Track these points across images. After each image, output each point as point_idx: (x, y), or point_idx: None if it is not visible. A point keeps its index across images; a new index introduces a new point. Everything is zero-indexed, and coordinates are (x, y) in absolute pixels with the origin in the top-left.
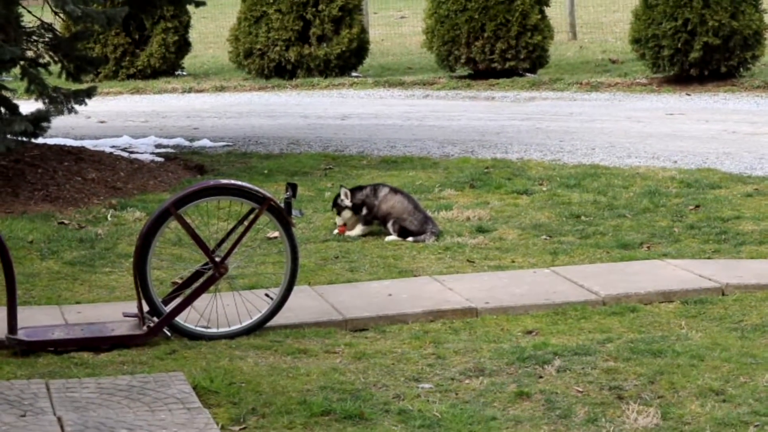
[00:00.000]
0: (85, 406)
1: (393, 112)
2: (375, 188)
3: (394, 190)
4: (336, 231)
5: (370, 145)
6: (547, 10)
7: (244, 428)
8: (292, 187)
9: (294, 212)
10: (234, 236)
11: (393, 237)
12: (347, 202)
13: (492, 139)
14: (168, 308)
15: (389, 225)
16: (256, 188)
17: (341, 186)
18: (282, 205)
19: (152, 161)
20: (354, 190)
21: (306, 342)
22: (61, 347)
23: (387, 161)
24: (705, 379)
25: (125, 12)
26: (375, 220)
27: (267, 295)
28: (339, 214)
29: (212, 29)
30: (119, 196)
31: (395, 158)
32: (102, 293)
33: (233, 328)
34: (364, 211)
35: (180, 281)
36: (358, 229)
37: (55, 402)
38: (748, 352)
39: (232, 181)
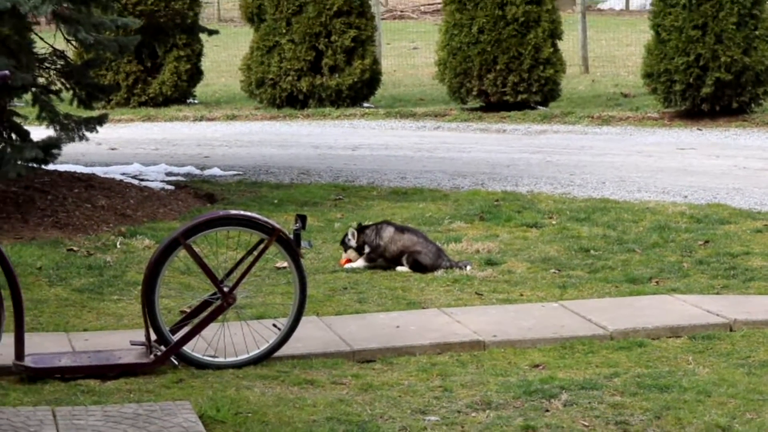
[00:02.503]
0: None
1: (404, 143)
2: (378, 228)
3: (401, 230)
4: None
5: (381, 176)
6: (560, 44)
7: None
8: (302, 219)
9: (303, 243)
10: (243, 266)
11: (404, 268)
12: (353, 243)
13: (502, 171)
14: (176, 337)
15: (403, 259)
16: (265, 219)
17: (350, 226)
18: (291, 236)
19: (162, 189)
20: (361, 231)
21: (313, 373)
22: (68, 374)
23: (397, 192)
24: (711, 415)
25: (137, 40)
26: (380, 259)
27: (275, 325)
28: (345, 251)
29: (224, 58)
30: (129, 223)
31: (405, 189)
32: (110, 321)
33: (240, 357)
34: (367, 249)
35: (188, 310)
36: (361, 263)
37: (61, 429)
38: (755, 389)
39: (241, 212)
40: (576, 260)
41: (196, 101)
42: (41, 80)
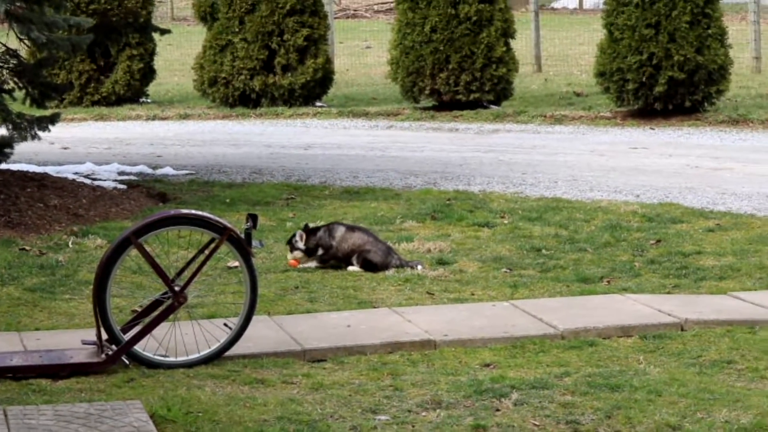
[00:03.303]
0: None
1: (356, 143)
2: (330, 228)
3: (351, 229)
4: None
5: (333, 175)
6: (513, 43)
7: None
8: (253, 218)
9: (254, 243)
10: (194, 265)
11: (355, 268)
12: (301, 245)
13: (455, 170)
14: (127, 336)
15: (353, 258)
16: (217, 218)
17: (299, 230)
18: (242, 235)
19: (115, 188)
20: (309, 233)
21: (264, 372)
22: (19, 374)
23: (349, 192)
24: (662, 415)
25: (90, 39)
26: (332, 260)
27: (226, 324)
28: (291, 252)
29: (177, 57)
30: (81, 223)
31: (357, 189)
32: (61, 320)
33: (191, 357)
34: (320, 251)
35: (139, 309)
36: (313, 264)
37: (12, 428)
38: (706, 388)
39: (193, 211)
40: (527, 259)
41: (149, 100)
42: None
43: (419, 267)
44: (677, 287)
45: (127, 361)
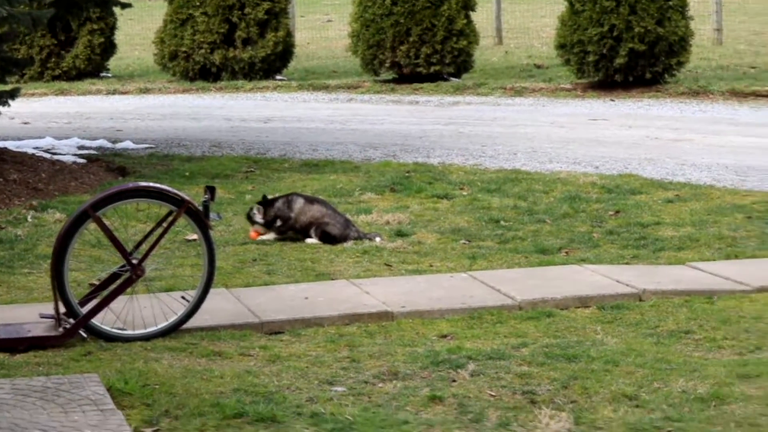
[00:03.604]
0: None
1: (316, 116)
2: (288, 200)
3: (310, 200)
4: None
5: (293, 148)
6: (474, 15)
7: (157, 430)
8: (211, 191)
9: (212, 215)
10: (152, 238)
11: (313, 240)
12: (259, 218)
13: (414, 143)
14: (84, 310)
15: (312, 231)
16: (175, 191)
17: (256, 203)
18: (200, 207)
19: (74, 163)
20: (266, 206)
21: (221, 344)
22: None
23: (308, 164)
24: (619, 385)
25: (51, 13)
26: (290, 231)
27: (183, 297)
28: (252, 225)
29: (138, 31)
30: (40, 197)
31: (317, 162)
32: (20, 294)
33: (149, 330)
34: (279, 222)
35: (97, 283)
36: (271, 236)
37: None
38: (663, 358)
39: (151, 184)
40: (486, 231)
41: (109, 75)
42: None
43: (378, 239)
44: (636, 258)
45: (84, 335)
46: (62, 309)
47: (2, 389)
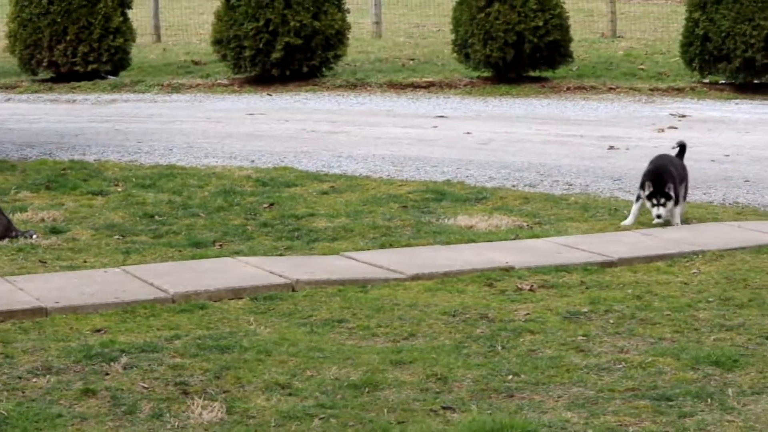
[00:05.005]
0: None
1: None
2: None
3: None
4: None
5: None
6: (132, 13)
7: None
8: None
9: None
10: None
11: None
12: None
13: (71, 141)
14: None
15: None
16: None
17: None
18: None
19: None
20: None
21: None
22: None
23: None
24: (272, 374)
25: None
26: None
27: None
28: None
29: None
30: None
31: None
32: None
33: None
34: None
35: None
36: None
37: None
38: (316, 347)
39: None
40: (140, 226)
41: None
42: None
43: (33, 236)
44: (290, 249)
45: None
46: None
47: None
